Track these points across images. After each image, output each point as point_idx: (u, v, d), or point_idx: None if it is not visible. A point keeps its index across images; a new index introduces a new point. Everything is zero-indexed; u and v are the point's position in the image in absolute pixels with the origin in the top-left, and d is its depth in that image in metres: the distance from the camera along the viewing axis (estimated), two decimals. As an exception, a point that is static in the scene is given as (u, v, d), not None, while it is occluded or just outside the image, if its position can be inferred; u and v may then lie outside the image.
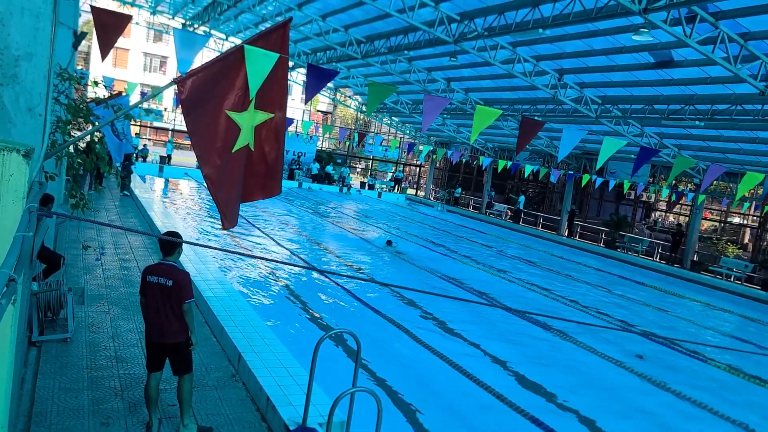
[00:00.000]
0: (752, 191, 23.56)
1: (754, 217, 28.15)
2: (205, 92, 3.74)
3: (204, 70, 3.72)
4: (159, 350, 4.89)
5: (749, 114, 16.55)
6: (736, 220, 33.00)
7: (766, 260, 22.62)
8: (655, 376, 9.34)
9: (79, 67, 36.56)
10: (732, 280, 21.75)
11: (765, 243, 25.92)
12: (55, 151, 4.50)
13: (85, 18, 30.57)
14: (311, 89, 5.95)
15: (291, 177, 36.35)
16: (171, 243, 4.93)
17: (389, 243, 18.34)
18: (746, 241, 30.53)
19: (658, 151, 12.82)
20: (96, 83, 7.17)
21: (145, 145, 36.57)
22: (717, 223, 32.91)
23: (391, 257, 16.69)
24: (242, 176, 4.23)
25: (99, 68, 42.31)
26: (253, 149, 4.19)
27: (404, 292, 12.26)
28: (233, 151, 4.03)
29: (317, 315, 10.10)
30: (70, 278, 8.43)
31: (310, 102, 52.35)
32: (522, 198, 33.00)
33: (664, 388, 8.95)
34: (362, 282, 12.61)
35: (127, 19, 5.80)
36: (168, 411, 5.19)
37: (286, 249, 15.49)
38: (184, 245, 10.94)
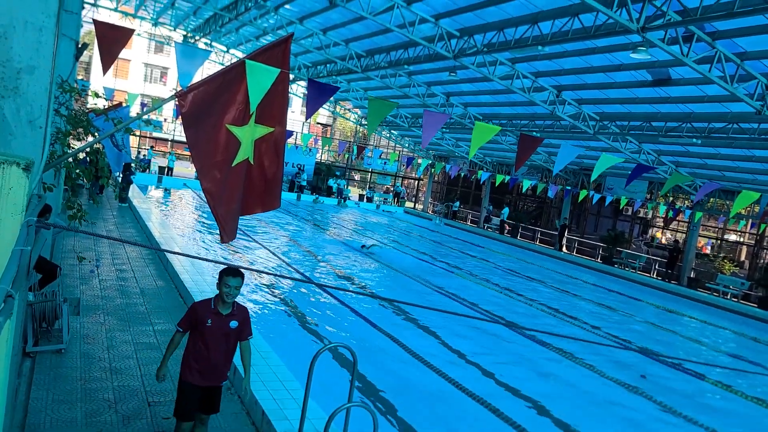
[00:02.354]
0: (749, 209, 23.62)
1: (751, 234, 28.24)
2: (206, 106, 3.76)
3: (205, 84, 3.74)
4: None
5: (746, 132, 16.66)
6: (733, 237, 33.06)
7: (763, 278, 22.62)
8: (657, 396, 9.31)
9: (80, 77, 36.70)
10: (729, 297, 21.74)
11: (761, 261, 25.95)
12: (54, 163, 4.51)
13: (87, 29, 30.69)
14: (312, 105, 5.97)
15: (292, 189, 36.33)
16: None
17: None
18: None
19: (654, 168, 12.90)
20: (96, 95, 7.20)
21: (146, 156, 36.64)
22: (714, 241, 32.93)
23: (387, 270, 16.68)
24: (242, 190, 4.24)
25: (100, 79, 42.46)
26: (252, 163, 4.21)
27: (403, 306, 12.24)
28: (233, 164, 4.04)
29: (314, 328, 10.06)
30: (65, 288, 8.39)
31: (309, 114, 52.38)
32: (506, 210, 33.56)
33: (665, 408, 8.92)
34: (359, 295, 12.58)
35: (130, 33, 5.82)
36: (161, 424, 5.16)
37: (283, 261, 15.47)
38: (183, 258, 10.93)
